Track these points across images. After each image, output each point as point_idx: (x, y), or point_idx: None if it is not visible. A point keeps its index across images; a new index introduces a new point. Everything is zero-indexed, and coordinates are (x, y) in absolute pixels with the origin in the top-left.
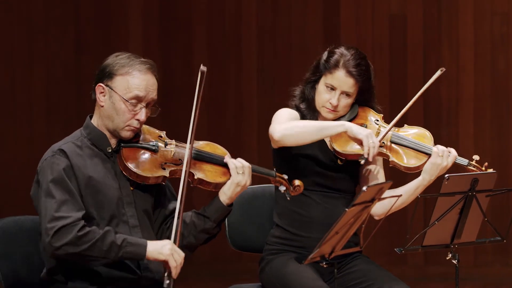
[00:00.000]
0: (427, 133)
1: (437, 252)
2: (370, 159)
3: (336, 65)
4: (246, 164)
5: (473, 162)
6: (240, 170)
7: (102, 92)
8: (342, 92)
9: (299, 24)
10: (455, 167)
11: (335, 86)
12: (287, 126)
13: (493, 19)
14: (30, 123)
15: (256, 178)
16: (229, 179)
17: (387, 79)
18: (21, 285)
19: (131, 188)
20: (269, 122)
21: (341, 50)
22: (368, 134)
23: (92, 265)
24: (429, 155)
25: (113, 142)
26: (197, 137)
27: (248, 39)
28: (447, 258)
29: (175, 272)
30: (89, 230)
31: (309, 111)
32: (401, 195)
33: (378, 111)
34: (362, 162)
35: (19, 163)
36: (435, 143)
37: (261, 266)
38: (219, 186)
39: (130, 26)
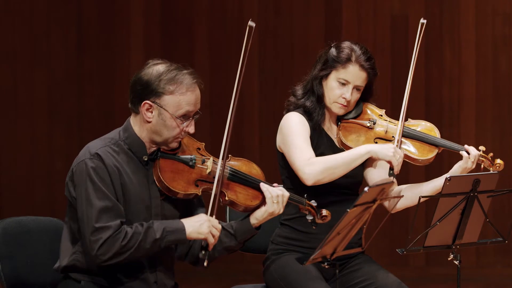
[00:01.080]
0: (432, 126)
1: (439, 253)
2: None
3: (349, 59)
4: (284, 193)
5: (481, 152)
6: (275, 199)
7: (149, 109)
8: (354, 87)
9: (300, 25)
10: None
11: (349, 80)
12: (317, 170)
13: (495, 20)
14: (31, 123)
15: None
16: (260, 202)
17: (389, 80)
18: (23, 285)
19: (161, 198)
20: (270, 123)
21: (349, 45)
22: (394, 152)
23: (138, 259)
24: (438, 147)
25: (150, 151)
26: (198, 137)
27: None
28: (449, 259)
29: (212, 247)
30: (131, 236)
31: (317, 108)
32: (402, 195)
33: (378, 107)
34: (392, 178)
35: (20, 163)
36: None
37: (265, 265)
38: (249, 209)
39: (132, 27)
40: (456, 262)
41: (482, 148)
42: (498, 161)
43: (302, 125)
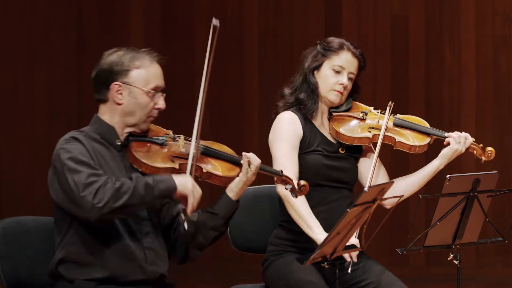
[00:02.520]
0: (422, 120)
1: (439, 253)
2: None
3: (341, 47)
4: (256, 162)
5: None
6: (246, 165)
7: (118, 90)
8: (349, 73)
9: (300, 25)
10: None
11: (344, 66)
12: (286, 197)
13: (495, 20)
14: (31, 123)
15: (257, 179)
16: (237, 174)
17: (389, 80)
18: (22, 285)
19: None
20: (270, 123)
21: (337, 38)
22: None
23: (133, 214)
24: (431, 135)
25: (122, 137)
26: (200, 137)
27: (249, 40)
28: (449, 258)
29: (190, 209)
30: (122, 182)
31: (311, 99)
32: (402, 195)
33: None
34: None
35: (20, 164)
36: (437, 143)
37: (264, 266)
38: (228, 180)
39: (132, 27)
40: (456, 262)
41: (472, 138)
42: (489, 148)
43: (293, 129)
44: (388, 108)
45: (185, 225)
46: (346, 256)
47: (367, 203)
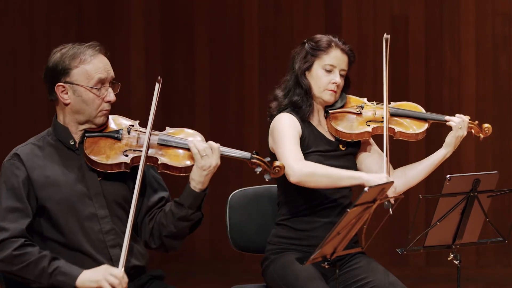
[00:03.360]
0: (416, 105)
1: (439, 253)
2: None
3: (329, 45)
4: (212, 145)
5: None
6: (203, 152)
7: (63, 91)
8: (340, 71)
9: (300, 24)
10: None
11: (335, 64)
12: (305, 171)
13: (495, 20)
14: (31, 123)
15: (257, 179)
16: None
17: (388, 80)
18: (22, 285)
19: (99, 178)
20: (270, 123)
21: (324, 35)
22: (384, 178)
23: (28, 284)
24: (427, 120)
25: (77, 136)
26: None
27: (249, 40)
28: (449, 258)
29: None
30: (25, 252)
31: (305, 100)
32: (403, 196)
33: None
34: (390, 210)
35: None
36: (437, 143)
37: (264, 265)
38: (188, 169)
39: (132, 27)
40: (456, 262)
41: (467, 117)
42: (486, 125)
43: (293, 126)
44: (384, 95)
45: None
46: (389, 192)
47: (367, 203)
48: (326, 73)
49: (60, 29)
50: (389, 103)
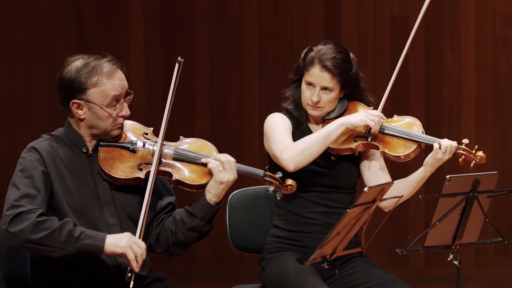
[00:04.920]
0: (415, 121)
1: (439, 253)
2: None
3: (311, 62)
4: (229, 159)
5: (463, 146)
6: (220, 167)
7: (78, 107)
8: (322, 88)
9: (300, 25)
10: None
11: (313, 82)
12: (295, 152)
13: (495, 20)
14: (31, 123)
15: (257, 178)
16: (212, 178)
17: (388, 80)
18: (22, 285)
19: (111, 187)
20: None
21: (319, 46)
22: (367, 114)
23: (50, 256)
24: (418, 143)
25: (91, 144)
26: (198, 136)
27: (249, 40)
28: (449, 259)
29: (134, 265)
30: (48, 218)
31: (297, 110)
32: (402, 195)
33: (368, 104)
34: (370, 139)
35: None
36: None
37: (261, 265)
38: (202, 187)
39: (132, 27)
40: (456, 262)
41: (465, 141)
42: (480, 153)
43: (281, 121)
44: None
45: (131, 284)
46: None
47: (366, 204)
48: (308, 88)
49: (60, 29)
50: (392, 116)
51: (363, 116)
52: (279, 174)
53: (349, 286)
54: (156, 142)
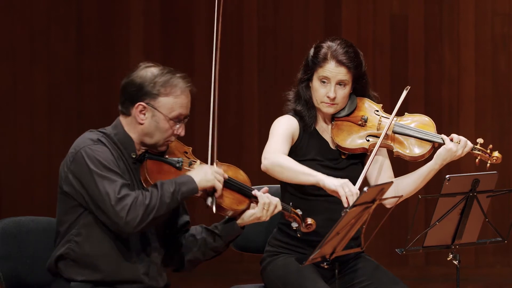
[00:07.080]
0: (429, 120)
1: (438, 253)
2: (350, 207)
3: (325, 58)
4: (277, 206)
5: (478, 146)
6: (266, 206)
7: (142, 111)
8: (337, 83)
9: (300, 24)
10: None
11: (329, 77)
12: (274, 161)
13: (494, 20)
14: (31, 123)
15: (257, 179)
16: (246, 207)
17: (388, 80)
18: (22, 285)
19: None
20: (270, 123)
21: (327, 43)
22: (343, 184)
23: (156, 222)
24: (432, 142)
25: (139, 152)
26: (196, 139)
27: (249, 39)
28: (448, 258)
29: (219, 194)
30: (150, 195)
31: (307, 111)
32: (402, 195)
33: (375, 100)
34: (343, 213)
35: (19, 163)
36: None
37: (262, 266)
38: (235, 213)
39: (131, 27)
40: (456, 262)
41: (480, 140)
42: (496, 153)
43: (286, 128)
44: (393, 116)
45: (214, 208)
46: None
47: (366, 203)
48: (322, 85)
49: (59, 28)
50: (403, 114)
51: (339, 186)
52: (300, 212)
53: (349, 285)
54: (196, 163)
